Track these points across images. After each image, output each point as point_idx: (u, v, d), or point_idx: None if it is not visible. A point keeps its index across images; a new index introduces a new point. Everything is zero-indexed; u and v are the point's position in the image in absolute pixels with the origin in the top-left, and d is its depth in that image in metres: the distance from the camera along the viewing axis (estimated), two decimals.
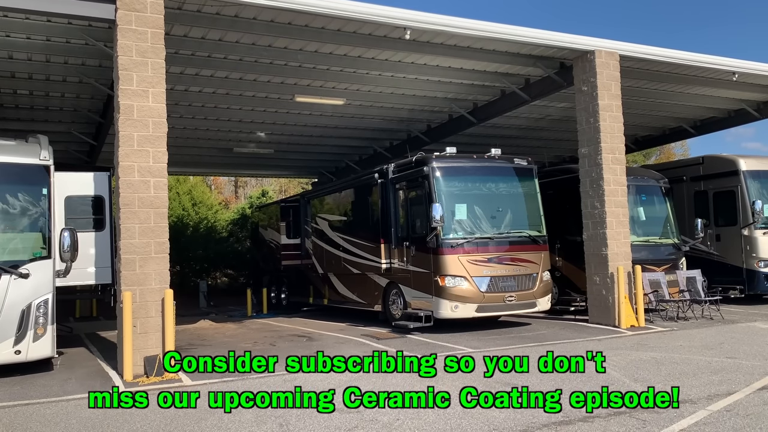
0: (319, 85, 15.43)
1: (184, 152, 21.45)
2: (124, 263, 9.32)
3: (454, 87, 16.17)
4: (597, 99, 13.41)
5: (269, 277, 21.46)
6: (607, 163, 13.41)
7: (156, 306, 9.39)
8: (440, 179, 13.01)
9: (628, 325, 12.98)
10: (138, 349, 9.23)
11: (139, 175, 9.48)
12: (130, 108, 9.49)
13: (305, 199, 18.98)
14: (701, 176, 17.98)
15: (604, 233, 13.30)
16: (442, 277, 12.59)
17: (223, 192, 53.53)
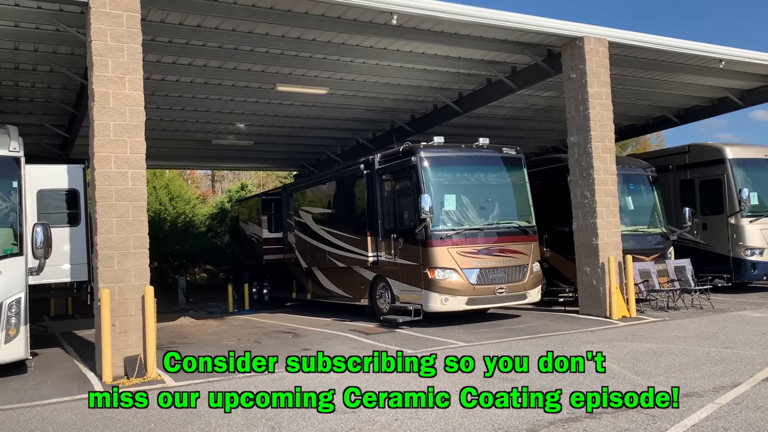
0: (301, 74, 14.98)
1: (160, 145, 20.85)
2: (102, 259, 8.85)
3: (439, 76, 15.82)
4: (586, 86, 13.17)
5: (251, 272, 21.00)
6: (597, 151, 13.19)
7: (136, 304, 8.93)
8: (428, 169, 12.68)
9: (620, 315, 12.79)
10: (117, 349, 8.78)
11: (116, 167, 9.00)
12: (106, 96, 9.00)
13: (287, 192, 18.53)
14: (687, 165, 17.88)
15: (594, 223, 13.09)
16: (432, 270, 12.28)
17: (200, 186, 52.73)
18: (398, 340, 11.22)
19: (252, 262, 20.58)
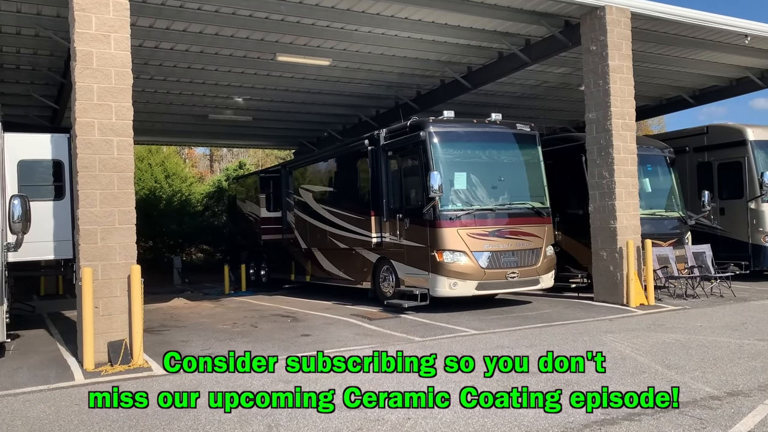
0: (302, 43, 14.13)
1: (155, 119, 20.06)
2: (84, 235, 8.10)
3: (448, 48, 14.97)
4: (607, 59, 12.35)
5: (248, 253, 20.27)
6: (617, 129, 12.41)
7: (121, 284, 8.20)
8: (438, 145, 11.89)
9: (638, 303, 12.09)
10: (101, 333, 8.06)
11: (100, 134, 8.21)
12: (89, 55, 8.19)
13: (287, 170, 17.73)
14: (705, 147, 17.10)
15: (612, 205, 12.34)
16: (440, 252, 11.54)
17: (198, 166, 52.00)
18: (404, 327, 10.52)
19: (249, 242, 19.85)
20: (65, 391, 6.95)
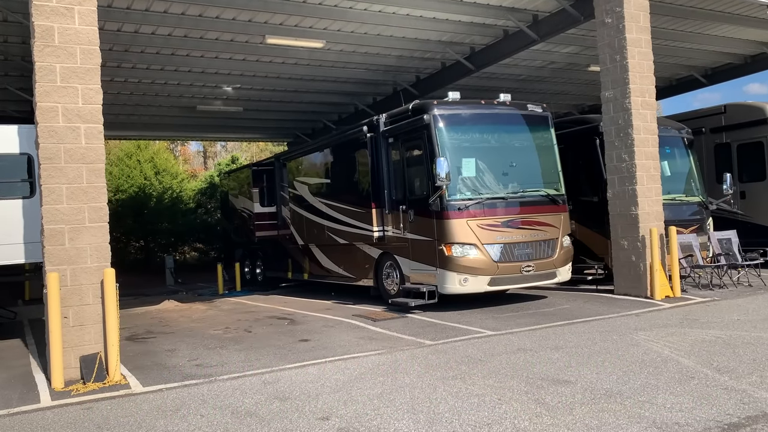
0: (293, 24, 13.14)
1: (141, 112, 19.08)
2: (49, 236, 7.14)
3: (450, 26, 13.99)
4: (624, 32, 11.39)
5: (242, 251, 19.34)
6: (637, 107, 11.45)
7: (94, 290, 7.25)
8: (443, 129, 10.93)
9: (663, 295, 11.18)
10: (72, 346, 7.12)
11: (65, 120, 7.24)
12: (49, 31, 7.21)
13: (281, 162, 16.74)
14: (723, 127, 16.14)
15: (633, 190, 11.40)
16: (449, 246, 10.60)
17: (192, 163, 51.01)
18: (411, 328, 9.59)
19: (243, 239, 18.91)
20: (27, 417, 6.00)
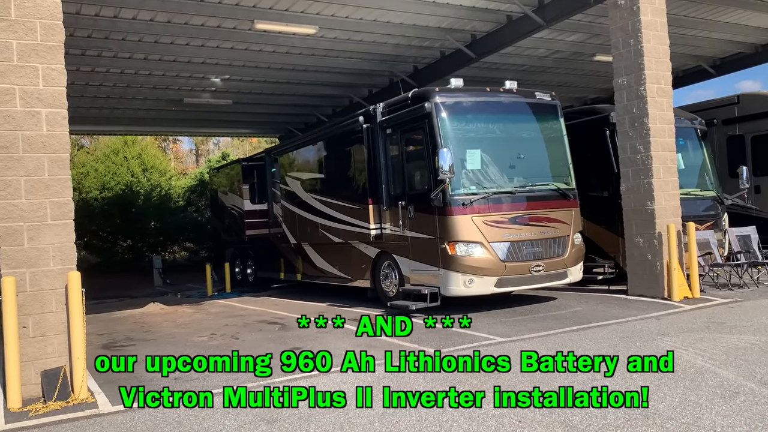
0: (284, 8, 12.32)
1: (125, 105, 18.23)
2: (5, 235, 6.30)
3: (450, 11, 13.18)
4: (639, 14, 10.62)
5: (233, 250, 18.50)
6: (652, 95, 10.69)
7: (57, 296, 6.41)
8: (446, 119, 10.13)
9: (681, 296, 10.43)
10: (32, 360, 6.29)
11: (23, 104, 6.40)
12: (5, 3, 6.36)
13: (272, 157, 15.90)
14: (736, 118, 15.41)
15: (649, 183, 10.64)
16: (452, 244, 9.80)
17: (184, 161, 50.13)
18: (413, 334, 8.79)
19: (233, 238, 18.08)
20: None
